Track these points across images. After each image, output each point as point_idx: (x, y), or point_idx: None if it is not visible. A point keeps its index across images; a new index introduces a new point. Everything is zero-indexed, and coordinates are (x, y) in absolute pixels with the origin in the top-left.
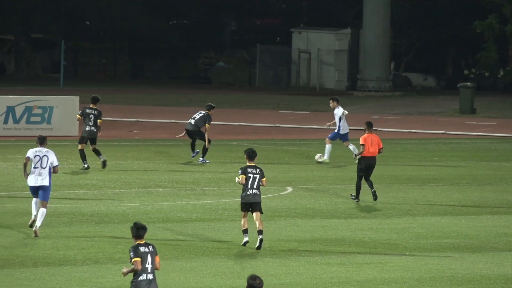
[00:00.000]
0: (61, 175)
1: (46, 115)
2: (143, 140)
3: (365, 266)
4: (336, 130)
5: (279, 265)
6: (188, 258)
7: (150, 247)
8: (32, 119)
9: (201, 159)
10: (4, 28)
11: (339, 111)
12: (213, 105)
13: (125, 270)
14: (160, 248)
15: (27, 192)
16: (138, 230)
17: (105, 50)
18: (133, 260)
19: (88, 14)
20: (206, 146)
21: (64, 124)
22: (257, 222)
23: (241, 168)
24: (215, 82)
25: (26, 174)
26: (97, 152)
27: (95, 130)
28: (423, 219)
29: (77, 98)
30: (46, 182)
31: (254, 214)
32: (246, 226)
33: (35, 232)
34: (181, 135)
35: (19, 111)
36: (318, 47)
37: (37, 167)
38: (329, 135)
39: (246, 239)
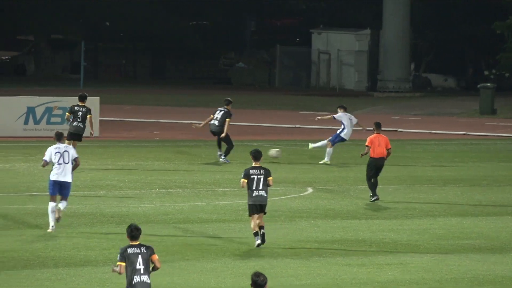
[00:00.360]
0: (81, 175)
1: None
2: (163, 140)
3: (386, 267)
4: (338, 132)
5: (300, 265)
6: (209, 259)
7: (143, 249)
8: (53, 119)
9: (223, 157)
10: (24, 29)
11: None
12: (230, 99)
13: (114, 268)
14: (181, 249)
15: (48, 193)
16: (132, 231)
17: (125, 51)
18: (117, 263)
19: (108, 14)
20: (221, 136)
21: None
22: (258, 220)
23: (244, 170)
24: (235, 83)
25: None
26: None
27: (82, 126)
28: (444, 220)
29: (97, 99)
30: (68, 178)
31: (258, 214)
32: (257, 229)
33: (57, 218)
34: (199, 125)
35: (39, 111)
36: (338, 47)
37: (60, 163)
38: (330, 138)
39: (258, 241)
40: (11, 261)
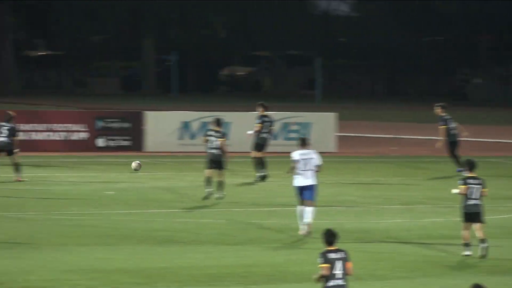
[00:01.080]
0: (320, 190)
1: (304, 131)
2: (402, 156)
3: None
4: None
5: None
6: (451, 276)
7: (342, 254)
8: (290, 135)
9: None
10: (260, 45)
11: None
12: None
13: (315, 276)
14: (422, 266)
15: (288, 208)
16: (329, 237)
17: (361, 67)
18: (320, 265)
19: (344, 30)
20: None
21: (322, 140)
22: (477, 232)
23: (462, 179)
24: (471, 99)
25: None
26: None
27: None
28: None
29: (334, 115)
30: (311, 182)
31: (474, 225)
32: (468, 240)
33: (307, 229)
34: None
35: (277, 127)
36: None
37: (304, 170)
38: None
39: (467, 252)
40: (254, 276)
